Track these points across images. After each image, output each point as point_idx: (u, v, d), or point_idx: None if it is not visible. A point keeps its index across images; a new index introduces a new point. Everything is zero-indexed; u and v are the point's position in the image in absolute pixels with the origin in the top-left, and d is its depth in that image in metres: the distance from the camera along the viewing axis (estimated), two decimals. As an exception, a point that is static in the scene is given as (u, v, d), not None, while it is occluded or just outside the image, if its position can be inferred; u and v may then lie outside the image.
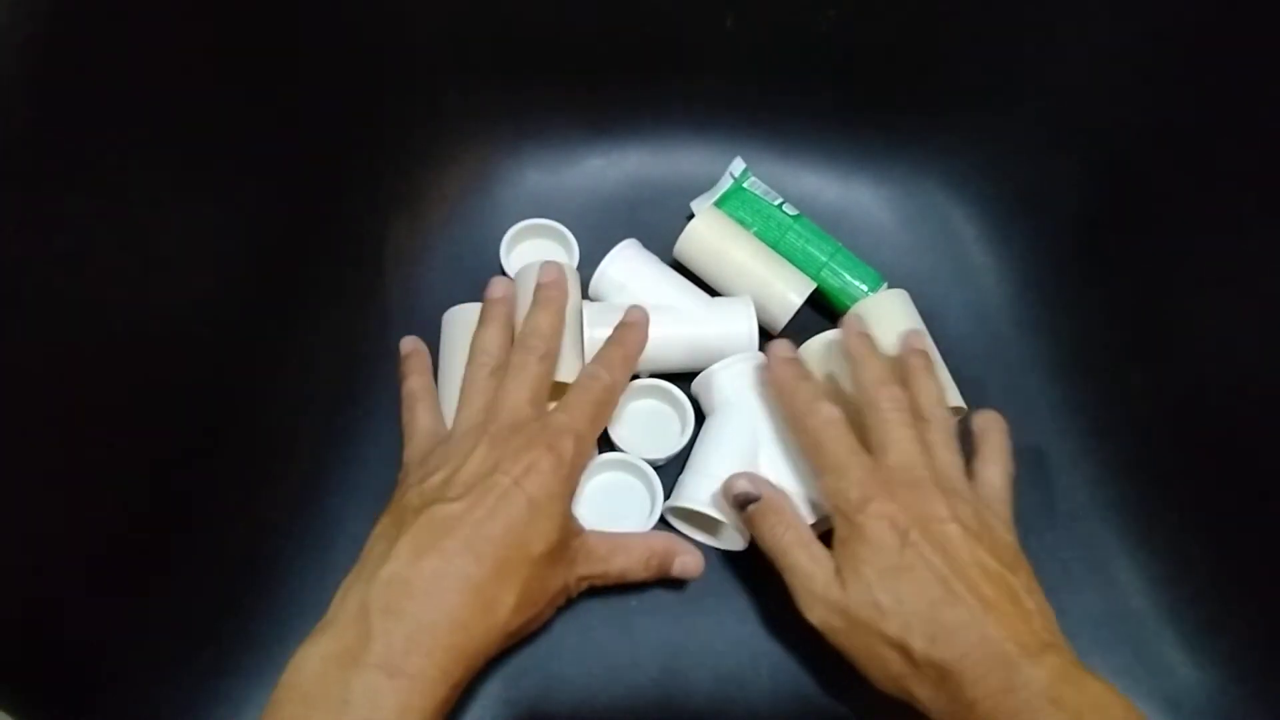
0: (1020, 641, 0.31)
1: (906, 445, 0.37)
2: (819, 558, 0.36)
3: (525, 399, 0.39)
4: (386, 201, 0.52)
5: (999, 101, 0.51)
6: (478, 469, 0.35)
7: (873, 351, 0.40)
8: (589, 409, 0.39)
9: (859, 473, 0.36)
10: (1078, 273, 0.50)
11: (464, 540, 0.33)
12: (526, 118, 0.55)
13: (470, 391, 0.40)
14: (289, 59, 0.44)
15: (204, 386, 0.41)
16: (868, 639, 0.34)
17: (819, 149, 0.56)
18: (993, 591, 0.32)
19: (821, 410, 0.38)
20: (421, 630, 0.31)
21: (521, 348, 0.41)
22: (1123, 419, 0.47)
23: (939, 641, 0.32)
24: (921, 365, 0.41)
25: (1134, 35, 0.45)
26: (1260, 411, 0.40)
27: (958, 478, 0.37)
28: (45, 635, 0.34)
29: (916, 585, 0.33)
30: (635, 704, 0.42)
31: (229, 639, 0.40)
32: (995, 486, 0.39)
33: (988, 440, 0.41)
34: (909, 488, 0.35)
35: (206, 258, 0.41)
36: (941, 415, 0.39)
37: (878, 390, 0.38)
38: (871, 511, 0.35)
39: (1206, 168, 0.43)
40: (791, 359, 0.41)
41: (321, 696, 0.29)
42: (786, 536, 0.37)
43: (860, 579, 0.34)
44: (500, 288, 0.44)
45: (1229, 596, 0.41)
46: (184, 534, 0.39)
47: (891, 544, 0.34)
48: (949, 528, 0.34)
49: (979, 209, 0.54)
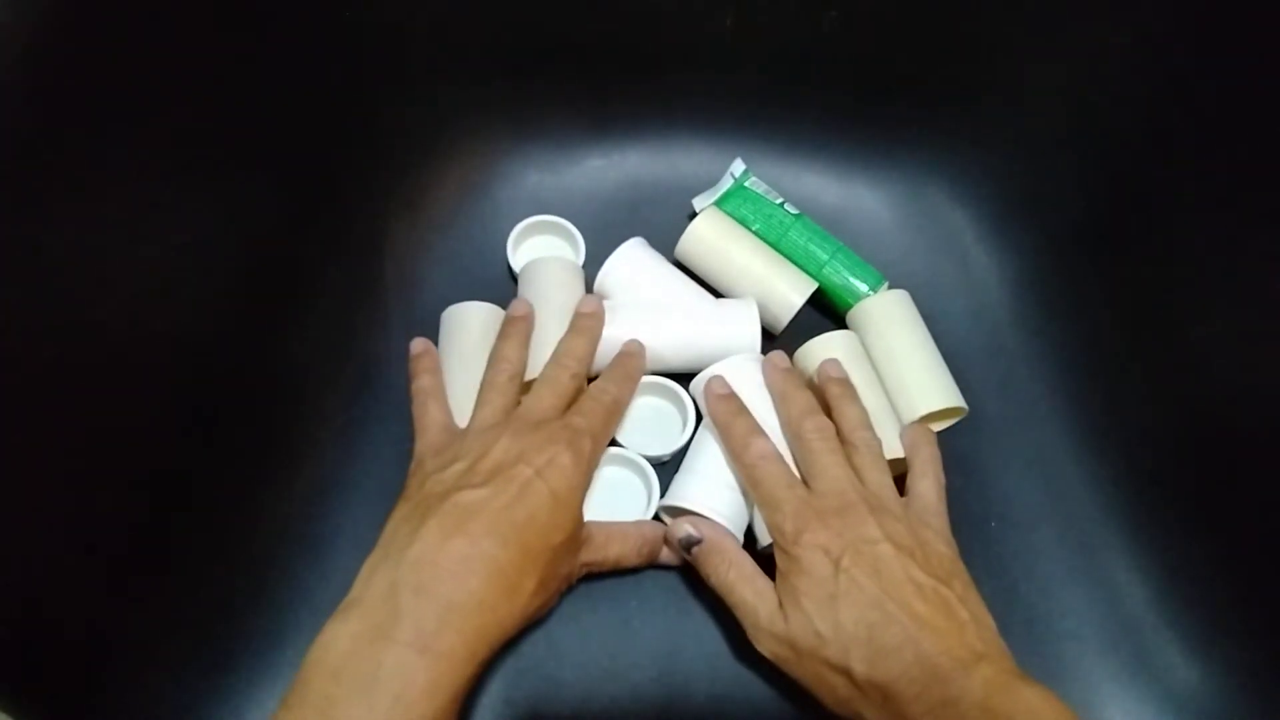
0: (953, 655, 0.32)
1: (835, 471, 0.38)
2: (762, 592, 0.38)
3: (550, 404, 0.40)
4: (387, 201, 0.52)
5: (1000, 102, 0.51)
6: (501, 458, 0.36)
7: (795, 386, 0.42)
8: (601, 414, 0.41)
9: (792, 505, 0.37)
10: (1078, 273, 0.50)
11: (489, 524, 0.34)
12: (527, 117, 0.55)
13: (489, 393, 0.42)
14: (289, 59, 0.44)
15: (204, 386, 0.41)
16: (814, 666, 0.35)
17: (820, 149, 0.56)
18: (925, 607, 0.34)
19: (753, 446, 0.40)
20: (451, 610, 0.32)
21: (557, 364, 0.43)
22: (1123, 420, 0.47)
23: (877, 663, 0.33)
24: (841, 393, 0.43)
25: (1136, 37, 0.45)
26: (1260, 412, 0.40)
27: (889, 497, 0.39)
28: (45, 635, 0.34)
29: (852, 611, 0.34)
30: (635, 704, 0.42)
31: (229, 639, 0.40)
32: (928, 499, 0.40)
33: (918, 454, 0.42)
34: (840, 514, 0.37)
35: (206, 258, 0.41)
36: (866, 438, 0.41)
37: (801, 422, 0.40)
38: (805, 542, 0.36)
39: (1208, 169, 0.43)
40: (725, 395, 0.43)
41: (351, 673, 0.30)
42: (730, 575, 0.39)
43: (800, 610, 0.35)
44: (523, 308, 0.46)
45: (1229, 597, 0.41)
46: (184, 534, 0.39)
47: (826, 573, 0.35)
48: (881, 548, 0.35)
49: (980, 210, 0.54)
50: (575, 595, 0.43)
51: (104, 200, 0.35)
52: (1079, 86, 0.48)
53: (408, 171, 0.53)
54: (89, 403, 0.35)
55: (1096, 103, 0.48)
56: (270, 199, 0.45)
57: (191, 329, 0.40)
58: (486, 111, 0.54)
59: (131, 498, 0.37)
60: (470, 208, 0.54)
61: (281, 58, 0.44)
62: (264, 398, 0.44)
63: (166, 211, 0.39)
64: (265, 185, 0.45)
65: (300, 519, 0.44)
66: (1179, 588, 0.43)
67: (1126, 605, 0.44)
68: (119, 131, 0.36)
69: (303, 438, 0.45)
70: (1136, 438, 0.46)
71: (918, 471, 0.41)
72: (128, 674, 0.37)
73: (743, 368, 0.45)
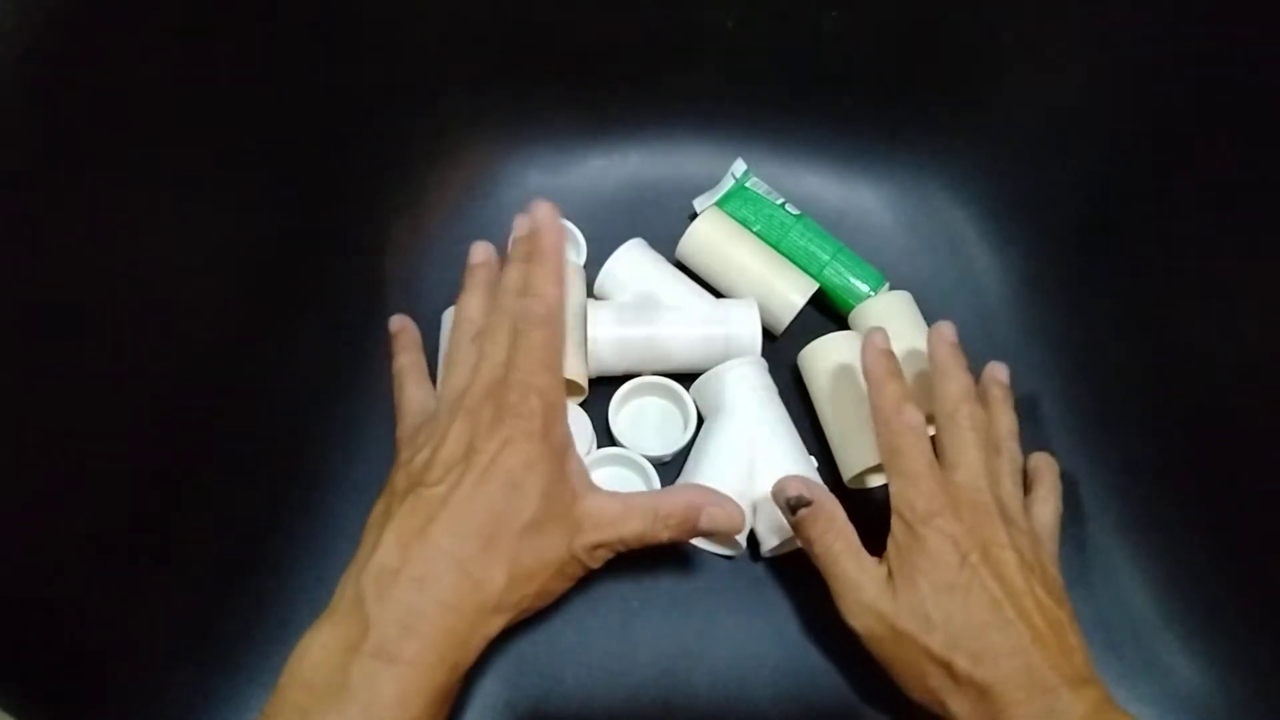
0: (1063, 672, 0.32)
1: (979, 467, 0.37)
2: (867, 567, 0.37)
3: (489, 369, 0.37)
4: (388, 201, 0.52)
5: (1001, 103, 0.51)
6: (455, 449, 0.35)
7: (961, 366, 0.40)
8: (537, 355, 0.37)
9: (930, 484, 0.36)
10: (1079, 274, 0.50)
11: (445, 524, 0.33)
12: (528, 118, 0.54)
13: (455, 356, 0.39)
14: (291, 59, 0.44)
15: (204, 386, 0.41)
16: (910, 650, 0.35)
17: (820, 150, 0.56)
18: (1042, 622, 0.33)
19: (905, 414, 0.38)
20: (413, 616, 0.31)
21: (498, 309, 0.39)
22: (1124, 420, 0.47)
23: (984, 662, 0.33)
24: (1002, 397, 0.42)
25: (1136, 37, 0.45)
26: (1262, 413, 0.40)
27: (1017, 510, 0.38)
28: (46, 635, 0.34)
29: (969, 605, 0.34)
30: (636, 705, 0.41)
31: (229, 639, 0.40)
32: (1046, 525, 0.40)
33: (1042, 480, 0.42)
34: (973, 510, 0.36)
35: (207, 257, 0.41)
36: (1013, 449, 0.40)
37: (960, 405, 0.39)
38: (936, 525, 0.35)
39: (1208, 169, 0.43)
40: (887, 350, 0.40)
41: (323, 684, 0.30)
42: (836, 545, 0.37)
43: (914, 589, 0.35)
44: (482, 252, 0.43)
45: (1231, 598, 0.41)
46: (184, 533, 0.39)
47: (951, 561, 0.35)
48: (1007, 554, 0.35)
49: (981, 210, 0.54)
50: (576, 596, 0.43)
51: (107, 201, 0.35)
52: (1079, 87, 0.48)
53: (409, 173, 0.53)
54: (90, 402, 0.35)
55: (1096, 104, 0.48)
56: (271, 199, 0.45)
57: (193, 329, 0.40)
58: (488, 113, 0.54)
59: (132, 498, 0.37)
60: (472, 209, 0.54)
61: (284, 59, 0.44)
62: (265, 397, 0.44)
63: (169, 212, 0.39)
64: (268, 187, 0.45)
65: (300, 519, 0.44)
66: (1181, 587, 0.43)
67: (1128, 605, 0.44)
68: (122, 133, 0.36)
69: (303, 438, 0.45)
70: (1137, 436, 0.46)
71: (1039, 497, 0.41)
72: (129, 674, 0.37)
73: (743, 371, 0.45)
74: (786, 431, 0.45)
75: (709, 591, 0.44)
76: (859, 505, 0.42)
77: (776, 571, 0.44)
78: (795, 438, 0.45)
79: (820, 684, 0.42)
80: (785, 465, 0.43)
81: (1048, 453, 0.43)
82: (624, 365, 0.47)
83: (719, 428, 0.45)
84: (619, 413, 0.47)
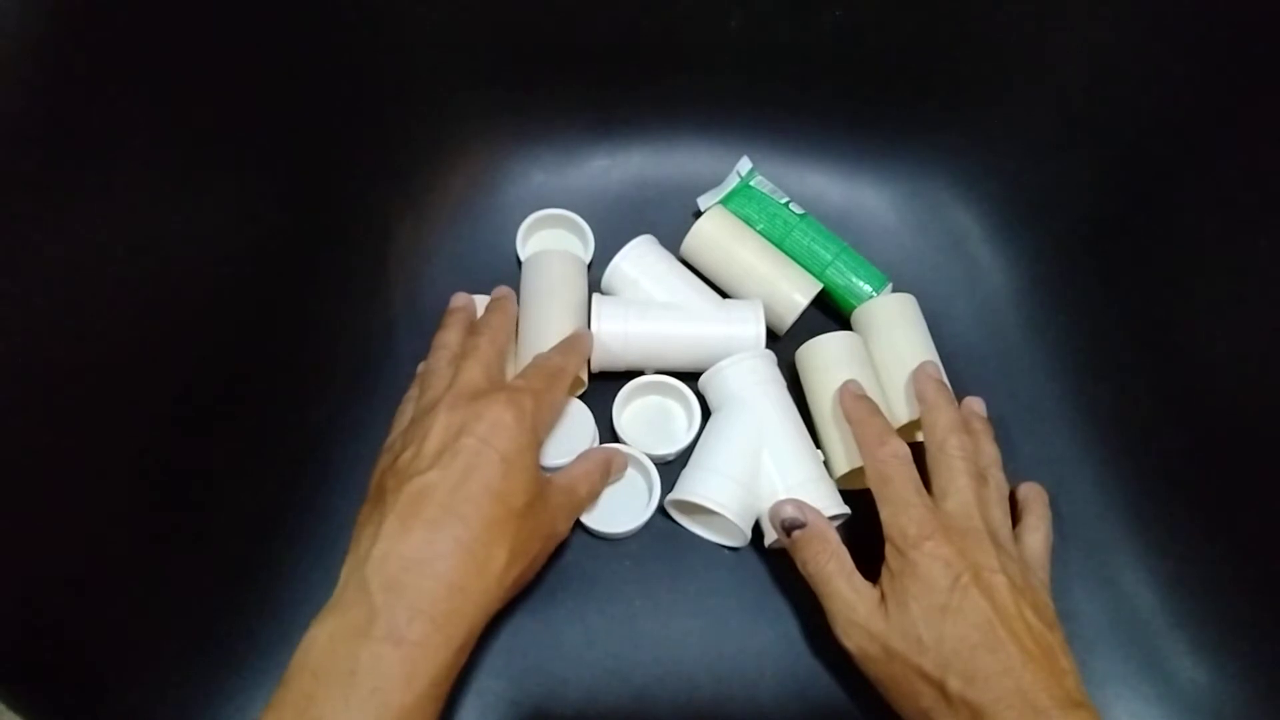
0: (1054, 695, 0.32)
1: (968, 495, 0.38)
2: (860, 588, 0.38)
3: (480, 374, 0.40)
4: (391, 201, 0.52)
5: (1006, 102, 0.51)
6: (443, 436, 0.36)
7: (947, 399, 0.42)
8: (542, 376, 0.40)
9: (920, 511, 0.37)
10: (1085, 274, 0.50)
11: (445, 506, 0.34)
12: (532, 117, 0.55)
13: (430, 377, 0.41)
14: (293, 58, 0.44)
15: (207, 386, 0.41)
16: (903, 671, 0.35)
17: (824, 149, 0.56)
18: (1033, 645, 0.34)
19: (890, 444, 0.40)
20: (421, 598, 0.32)
21: (477, 334, 0.43)
22: (1131, 420, 0.47)
23: (976, 683, 0.33)
24: (982, 429, 0.44)
25: (1142, 34, 0.45)
26: (1270, 413, 0.40)
27: (1007, 536, 0.39)
28: (49, 635, 0.34)
29: (961, 627, 0.34)
30: (639, 705, 0.41)
31: (232, 638, 0.40)
32: (1036, 552, 0.40)
33: (1031, 509, 0.42)
34: (964, 535, 0.37)
35: (209, 258, 0.41)
36: (998, 478, 0.41)
37: (949, 436, 0.40)
38: (927, 549, 0.36)
39: (1215, 168, 0.43)
40: (861, 395, 0.43)
41: (330, 670, 0.30)
42: (829, 566, 0.38)
43: (906, 612, 0.35)
44: (460, 300, 0.48)
45: (1238, 599, 0.41)
46: (186, 533, 0.39)
47: (942, 584, 0.35)
48: (998, 578, 0.35)
49: (986, 210, 0.54)
50: (579, 594, 0.43)
51: (108, 200, 0.35)
52: (1085, 86, 0.48)
53: (413, 173, 0.53)
54: (91, 401, 0.35)
55: (1102, 102, 0.47)
56: (274, 199, 0.45)
57: (195, 328, 0.40)
58: (492, 113, 0.54)
59: (134, 499, 0.37)
60: (476, 208, 0.54)
61: (289, 58, 0.44)
62: (267, 397, 0.44)
63: (171, 210, 0.39)
64: (272, 185, 0.45)
65: (303, 519, 0.44)
66: (1188, 588, 0.43)
67: (1135, 606, 0.44)
68: (121, 132, 0.36)
69: (306, 437, 0.45)
70: (1144, 437, 0.46)
71: (1029, 525, 0.41)
72: (131, 673, 0.37)
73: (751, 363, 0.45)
74: (794, 425, 0.44)
75: (713, 591, 0.44)
76: (852, 525, 0.43)
77: (780, 572, 0.44)
78: (803, 431, 0.45)
79: (824, 684, 0.42)
80: (793, 457, 0.43)
81: (1035, 483, 0.44)
82: (628, 360, 0.47)
83: (728, 419, 0.45)
84: (623, 411, 0.47)
